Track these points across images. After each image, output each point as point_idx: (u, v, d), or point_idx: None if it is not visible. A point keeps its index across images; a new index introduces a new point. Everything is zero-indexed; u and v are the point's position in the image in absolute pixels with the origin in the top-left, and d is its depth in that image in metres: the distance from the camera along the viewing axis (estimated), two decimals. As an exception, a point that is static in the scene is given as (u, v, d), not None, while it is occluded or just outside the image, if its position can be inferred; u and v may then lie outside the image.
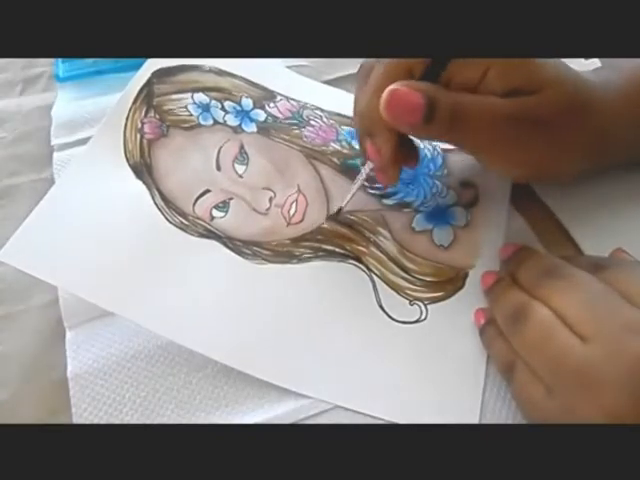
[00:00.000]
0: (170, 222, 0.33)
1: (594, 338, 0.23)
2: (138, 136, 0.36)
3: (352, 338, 0.30)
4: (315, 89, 0.40)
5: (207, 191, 0.34)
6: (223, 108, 0.37)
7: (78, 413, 0.28)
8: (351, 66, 0.40)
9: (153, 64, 0.38)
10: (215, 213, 0.34)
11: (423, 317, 0.31)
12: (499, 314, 0.28)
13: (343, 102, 0.39)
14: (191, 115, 0.37)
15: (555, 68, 0.29)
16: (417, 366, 0.29)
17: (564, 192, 0.35)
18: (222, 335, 0.30)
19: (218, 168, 0.35)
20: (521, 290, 0.28)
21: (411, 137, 0.32)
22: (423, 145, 0.37)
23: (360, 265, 0.32)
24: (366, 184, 0.35)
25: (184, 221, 0.33)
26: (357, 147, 0.37)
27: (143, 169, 0.35)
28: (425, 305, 0.31)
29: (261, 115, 0.38)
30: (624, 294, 0.25)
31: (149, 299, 0.30)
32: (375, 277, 0.32)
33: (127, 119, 0.36)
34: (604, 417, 0.22)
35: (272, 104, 0.38)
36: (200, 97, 0.38)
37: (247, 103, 0.38)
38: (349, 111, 0.38)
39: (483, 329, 0.29)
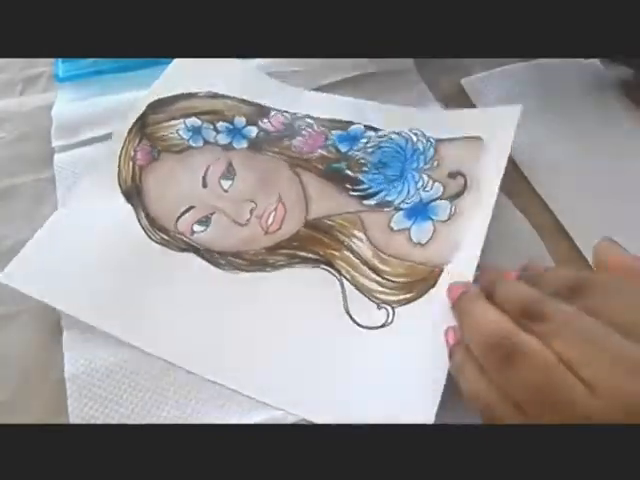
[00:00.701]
0: (152, 240, 0.33)
1: (598, 386, 0.22)
2: (131, 164, 0.36)
3: (318, 346, 0.30)
4: (308, 99, 0.40)
5: (191, 207, 0.35)
6: (215, 128, 0.38)
7: (75, 413, 0.28)
8: (345, 71, 0.41)
9: (149, 96, 0.39)
10: (196, 228, 0.34)
11: (389, 321, 0.30)
12: (475, 340, 0.25)
13: (335, 107, 0.39)
14: (182, 138, 0.37)
15: None
16: (377, 371, 0.28)
17: (560, 187, 0.35)
18: (193, 345, 0.30)
19: (204, 185, 0.35)
20: (502, 313, 0.25)
21: None
22: (416, 138, 0.36)
23: (331, 270, 0.32)
24: (348, 186, 0.35)
25: (165, 237, 0.34)
26: (343, 150, 0.37)
27: (134, 192, 0.35)
28: (393, 308, 0.30)
29: (253, 131, 0.38)
30: (610, 321, 0.23)
31: (134, 317, 0.31)
32: (345, 281, 0.31)
33: (122, 149, 0.37)
34: None
35: (265, 120, 0.39)
36: (192, 121, 0.38)
37: (240, 121, 0.38)
38: (341, 115, 0.38)
39: (452, 351, 0.27)
